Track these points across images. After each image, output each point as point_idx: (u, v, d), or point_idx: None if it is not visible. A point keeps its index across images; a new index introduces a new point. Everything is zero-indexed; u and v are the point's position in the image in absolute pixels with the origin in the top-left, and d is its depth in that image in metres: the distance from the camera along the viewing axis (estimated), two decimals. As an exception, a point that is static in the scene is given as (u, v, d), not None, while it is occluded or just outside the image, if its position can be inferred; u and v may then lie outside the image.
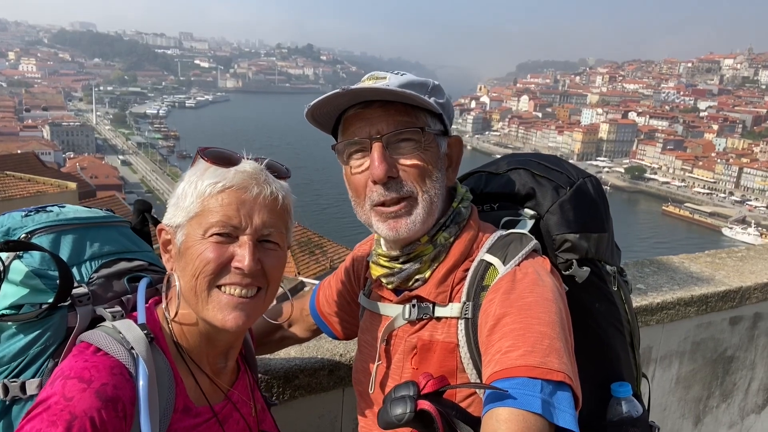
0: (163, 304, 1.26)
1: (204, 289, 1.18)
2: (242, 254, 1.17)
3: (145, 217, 1.54)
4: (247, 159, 1.25)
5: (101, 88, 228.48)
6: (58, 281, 1.20)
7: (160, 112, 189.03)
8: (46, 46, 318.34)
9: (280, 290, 1.31)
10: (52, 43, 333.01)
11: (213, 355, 1.29)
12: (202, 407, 1.24)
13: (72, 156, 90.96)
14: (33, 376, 1.19)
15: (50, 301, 1.19)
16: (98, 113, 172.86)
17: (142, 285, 1.31)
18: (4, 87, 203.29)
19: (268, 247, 1.22)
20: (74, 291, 1.23)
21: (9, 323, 1.19)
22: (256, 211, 1.19)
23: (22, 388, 1.18)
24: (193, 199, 1.19)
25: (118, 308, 1.26)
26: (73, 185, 22.78)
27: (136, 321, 1.20)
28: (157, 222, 1.53)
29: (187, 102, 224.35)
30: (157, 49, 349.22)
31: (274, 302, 1.34)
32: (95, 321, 1.23)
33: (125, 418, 1.06)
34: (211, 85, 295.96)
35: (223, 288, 1.18)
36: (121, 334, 1.15)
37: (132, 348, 1.13)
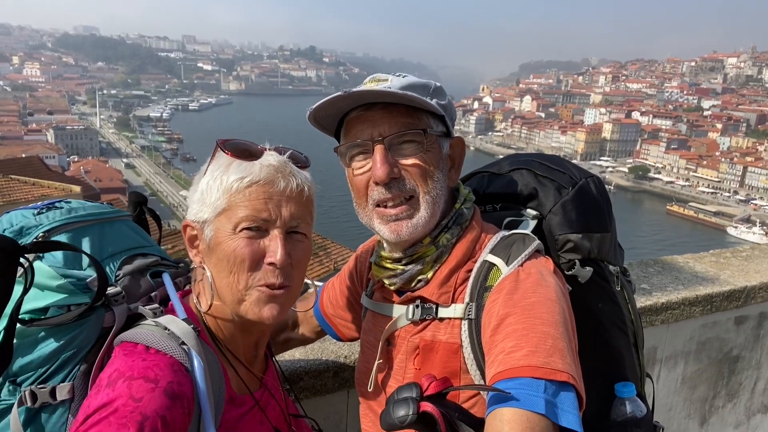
0: (194, 298, 1.27)
1: (241, 285, 1.18)
2: (274, 248, 1.17)
3: (142, 209, 1.52)
4: (270, 150, 1.24)
5: (105, 91, 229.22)
6: (84, 281, 1.18)
7: (164, 115, 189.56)
8: (49, 50, 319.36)
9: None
10: (56, 47, 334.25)
11: (247, 345, 1.30)
12: (244, 396, 1.25)
13: (76, 159, 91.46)
14: (62, 381, 1.16)
15: (79, 302, 1.17)
16: (102, 117, 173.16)
17: (169, 280, 1.31)
18: (8, 91, 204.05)
19: (297, 239, 1.23)
20: (108, 290, 1.21)
21: (35, 328, 1.15)
22: (284, 204, 1.19)
23: (53, 393, 1.15)
24: (219, 194, 1.19)
25: (156, 305, 1.25)
26: (77, 189, 22.85)
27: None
28: (154, 214, 1.53)
29: (191, 105, 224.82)
30: (160, 53, 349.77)
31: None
32: (129, 319, 1.22)
33: (189, 413, 1.07)
34: (214, 87, 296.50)
35: (257, 282, 1.19)
36: (167, 330, 1.14)
37: (183, 343, 1.12)
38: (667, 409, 3.12)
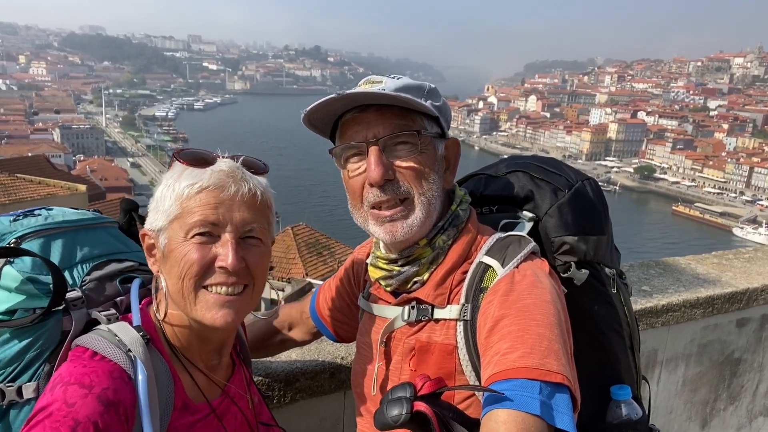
0: (153, 306, 1.29)
1: (191, 290, 1.19)
2: (225, 253, 1.18)
3: (132, 216, 1.54)
4: (223, 158, 1.26)
5: (111, 90, 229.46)
6: (51, 286, 1.21)
7: (169, 114, 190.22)
8: (56, 50, 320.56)
9: (279, 294, 1.41)
10: (62, 47, 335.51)
11: (206, 352, 1.31)
12: (200, 404, 1.26)
13: (82, 158, 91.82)
14: (29, 380, 1.20)
15: (44, 306, 1.20)
16: (108, 116, 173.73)
17: (135, 286, 1.32)
18: (14, 90, 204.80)
19: (252, 244, 1.23)
20: (68, 295, 1.24)
21: (3, 329, 1.20)
22: (235, 208, 1.20)
23: (19, 392, 1.19)
24: (171, 201, 1.20)
25: (112, 311, 1.26)
26: (83, 187, 22.96)
27: (130, 323, 1.22)
28: (144, 221, 1.54)
29: (196, 104, 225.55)
30: (166, 52, 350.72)
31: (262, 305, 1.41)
32: (90, 324, 1.24)
33: (127, 420, 1.08)
34: (219, 87, 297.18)
35: (209, 288, 1.19)
36: (117, 337, 1.16)
37: (129, 350, 1.14)
38: (667, 411, 3.11)
